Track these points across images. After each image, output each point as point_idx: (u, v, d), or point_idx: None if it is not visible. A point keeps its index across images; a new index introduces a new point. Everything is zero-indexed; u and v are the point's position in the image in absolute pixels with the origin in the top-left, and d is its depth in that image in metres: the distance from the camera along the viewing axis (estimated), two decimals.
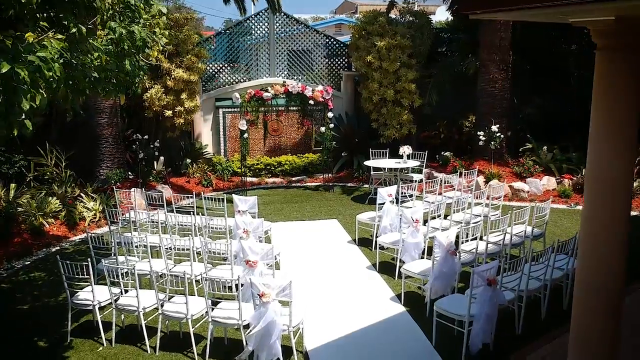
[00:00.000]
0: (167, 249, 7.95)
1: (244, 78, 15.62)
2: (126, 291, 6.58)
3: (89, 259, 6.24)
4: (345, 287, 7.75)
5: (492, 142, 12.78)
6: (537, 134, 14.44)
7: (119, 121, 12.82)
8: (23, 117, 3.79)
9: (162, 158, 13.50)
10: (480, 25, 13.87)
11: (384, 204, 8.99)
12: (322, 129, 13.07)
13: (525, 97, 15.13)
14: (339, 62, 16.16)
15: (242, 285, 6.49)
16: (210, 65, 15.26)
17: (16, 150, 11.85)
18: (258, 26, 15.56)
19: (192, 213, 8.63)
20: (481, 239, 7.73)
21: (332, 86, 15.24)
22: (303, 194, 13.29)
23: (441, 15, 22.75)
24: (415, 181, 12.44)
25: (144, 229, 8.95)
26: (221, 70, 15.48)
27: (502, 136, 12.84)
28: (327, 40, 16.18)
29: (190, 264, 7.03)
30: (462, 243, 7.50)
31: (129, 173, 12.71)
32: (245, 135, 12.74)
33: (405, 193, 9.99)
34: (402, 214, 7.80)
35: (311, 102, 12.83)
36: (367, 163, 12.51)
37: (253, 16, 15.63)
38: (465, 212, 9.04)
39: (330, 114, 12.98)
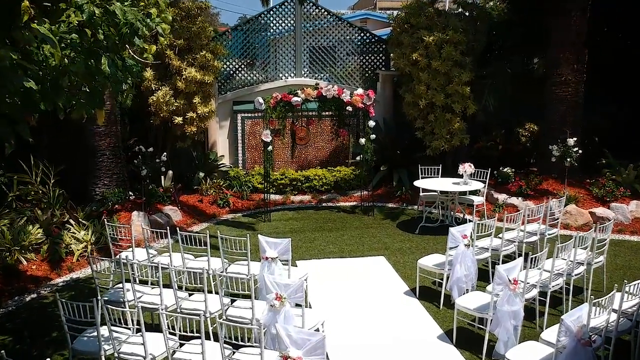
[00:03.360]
0: (170, 312, 5.91)
1: (266, 78, 13.50)
2: None
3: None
4: None
5: (568, 159, 10.52)
6: (608, 148, 12.17)
7: (118, 130, 10.75)
8: None
9: (170, 172, 11.43)
10: (551, 17, 11.62)
11: (456, 246, 6.85)
12: (362, 140, 10.89)
13: (594, 103, 12.81)
14: (374, 60, 13.99)
15: None
16: (228, 64, 13.18)
17: None
18: (282, 18, 13.42)
19: (204, 268, 6.48)
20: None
21: (367, 88, 13.06)
22: (337, 217, 11.13)
23: None
24: (477, 206, 10.30)
25: (143, 274, 6.88)
26: (240, 69, 13.39)
27: (580, 151, 10.58)
28: (362, 34, 14.01)
29: (201, 343, 4.89)
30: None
31: (130, 193, 10.63)
32: (270, 148, 10.61)
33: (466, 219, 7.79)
34: (495, 272, 5.61)
35: (349, 108, 10.66)
36: (417, 184, 10.31)
37: (277, 7, 13.49)
38: (567, 259, 6.77)
39: (371, 123, 10.81)
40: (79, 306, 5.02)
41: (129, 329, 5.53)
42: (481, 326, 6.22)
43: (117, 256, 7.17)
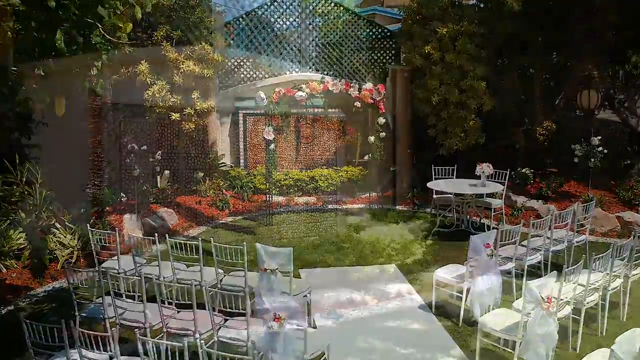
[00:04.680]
0: (155, 331, 5.26)
1: (269, 73, 12.78)
2: None
3: None
4: None
5: (592, 159, 9.78)
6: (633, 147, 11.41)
7: (109, 127, 10.06)
8: None
9: (166, 172, 10.76)
10: (574, 7, 10.87)
11: (477, 256, 6.12)
12: (371, 138, 10.17)
13: (619, 99, 11.99)
14: (383, 54, 13.25)
15: None
16: (229, 57, 12.47)
17: None
18: (287, 10, 12.70)
19: (194, 280, 5.76)
20: None
21: (376, 84, 12.34)
22: (344, 221, 10.41)
23: None
24: (495, 210, 9.57)
25: (128, 286, 6.19)
26: (242, 63, 12.69)
27: (605, 151, 9.83)
28: (371, 27, 13.27)
29: None
30: None
31: (122, 194, 9.95)
32: (272, 146, 9.92)
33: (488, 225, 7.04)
34: (526, 289, 4.89)
35: (357, 103, 9.95)
36: (430, 185, 9.60)
37: None
38: (604, 272, 6.01)
39: (381, 119, 10.10)
40: (46, 328, 4.35)
41: (108, 352, 4.84)
42: (506, 348, 5.50)
43: (105, 262, 6.52)
